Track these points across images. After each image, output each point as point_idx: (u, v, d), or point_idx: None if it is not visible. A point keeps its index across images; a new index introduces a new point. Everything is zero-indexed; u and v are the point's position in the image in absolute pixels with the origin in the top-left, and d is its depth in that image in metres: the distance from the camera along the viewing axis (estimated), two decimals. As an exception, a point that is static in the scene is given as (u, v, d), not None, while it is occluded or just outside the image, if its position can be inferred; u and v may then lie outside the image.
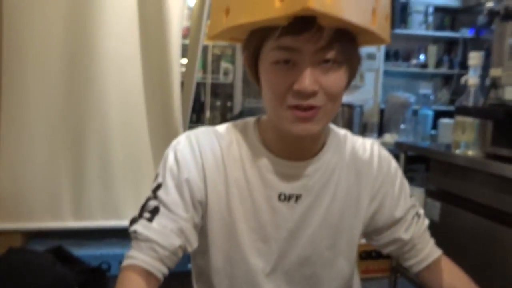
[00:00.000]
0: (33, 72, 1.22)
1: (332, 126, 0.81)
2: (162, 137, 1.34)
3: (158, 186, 0.71)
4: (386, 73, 3.45)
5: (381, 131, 3.26)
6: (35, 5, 1.21)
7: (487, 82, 1.58)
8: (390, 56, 3.51)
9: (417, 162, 2.64)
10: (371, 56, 3.32)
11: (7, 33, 1.20)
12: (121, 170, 1.30)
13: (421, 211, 0.87)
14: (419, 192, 2.08)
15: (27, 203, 1.23)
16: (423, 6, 3.50)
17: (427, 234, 0.86)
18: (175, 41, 1.33)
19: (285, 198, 0.73)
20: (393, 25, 3.37)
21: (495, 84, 1.51)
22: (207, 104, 1.75)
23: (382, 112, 3.38)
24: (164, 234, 0.68)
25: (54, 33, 1.24)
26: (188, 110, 1.56)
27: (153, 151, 1.35)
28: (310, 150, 0.75)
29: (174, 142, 0.75)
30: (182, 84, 1.46)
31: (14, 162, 1.22)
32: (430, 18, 3.54)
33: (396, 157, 2.59)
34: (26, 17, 1.21)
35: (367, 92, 3.34)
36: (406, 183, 0.85)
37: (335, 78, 0.65)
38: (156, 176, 0.73)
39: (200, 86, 2.85)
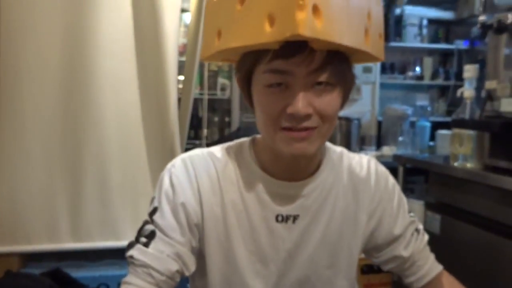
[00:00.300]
0: (30, 92, 1.23)
1: (328, 145, 0.81)
2: (160, 156, 1.34)
3: (154, 210, 0.71)
4: (383, 86, 3.47)
5: (379, 144, 3.27)
6: (32, 26, 1.22)
7: (483, 94, 1.59)
8: (386, 68, 3.53)
9: (416, 174, 2.64)
10: (368, 69, 3.34)
11: (3, 54, 1.20)
12: (119, 190, 1.29)
13: (420, 227, 0.86)
14: (419, 205, 2.08)
15: (25, 225, 1.22)
16: (417, 19, 3.53)
17: (427, 250, 0.86)
18: (172, 60, 1.34)
19: (283, 219, 0.73)
20: (388, 38, 3.40)
21: (491, 96, 1.52)
22: (204, 120, 1.76)
23: (379, 124, 3.38)
24: (161, 259, 0.67)
25: (51, 53, 1.24)
26: (186, 127, 1.56)
27: (151, 170, 1.35)
28: (306, 170, 0.75)
29: (169, 165, 0.75)
30: (179, 100, 1.46)
31: (11, 184, 1.21)
32: (424, 31, 3.57)
33: (395, 170, 2.60)
34: (23, 38, 1.21)
35: (364, 105, 3.35)
36: (404, 199, 0.85)
37: (329, 100, 0.65)
38: (152, 200, 0.73)
39: (197, 102, 2.86)
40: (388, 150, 2.98)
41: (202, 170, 0.73)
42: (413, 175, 2.70)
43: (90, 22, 1.26)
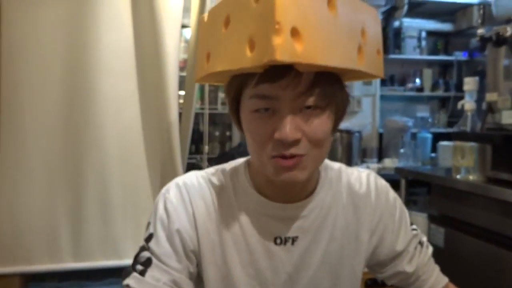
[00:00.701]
0: (30, 111, 1.23)
1: (326, 162, 0.80)
2: (161, 173, 1.33)
3: (150, 237, 0.70)
4: (383, 98, 3.47)
5: (380, 156, 3.26)
6: (33, 43, 1.23)
7: (484, 106, 1.59)
8: (386, 81, 3.54)
9: (418, 185, 2.63)
10: (368, 82, 3.35)
11: (5, 71, 1.21)
12: (120, 208, 1.29)
13: (424, 239, 0.85)
14: (422, 217, 2.06)
15: (25, 246, 1.21)
16: (416, 31, 3.55)
17: (432, 262, 0.84)
18: (173, 76, 1.35)
19: (281, 241, 0.72)
20: (387, 51, 3.42)
21: (492, 109, 1.52)
22: (205, 135, 1.76)
23: (381, 136, 3.38)
24: (157, 287, 0.66)
25: (52, 71, 1.25)
26: (187, 143, 1.56)
27: (152, 187, 1.34)
28: (303, 192, 0.73)
29: (163, 190, 0.73)
30: (180, 115, 1.46)
31: (12, 203, 1.21)
32: (423, 43, 3.59)
33: (397, 183, 2.59)
34: (24, 55, 1.22)
35: (365, 117, 3.35)
36: (406, 212, 0.83)
37: (318, 124, 0.62)
38: (148, 225, 0.72)
39: (198, 116, 2.86)
40: (390, 162, 2.98)
41: (197, 195, 0.72)
42: (415, 186, 2.69)
43: (91, 40, 1.27)
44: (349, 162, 2.96)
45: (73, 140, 1.27)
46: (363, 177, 0.81)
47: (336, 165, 0.81)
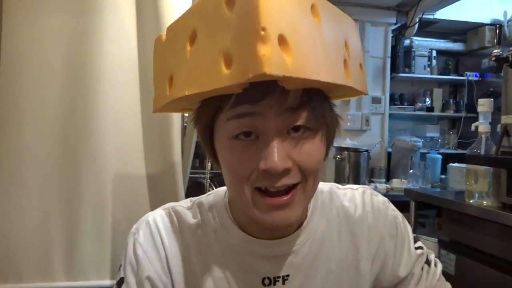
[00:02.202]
0: (28, 123, 1.18)
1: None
2: (161, 191, 1.28)
3: (121, 281, 0.63)
4: (392, 117, 3.42)
5: (389, 176, 3.19)
6: (33, 56, 1.19)
7: (499, 128, 1.53)
8: (395, 99, 3.50)
9: (427, 207, 2.55)
10: (376, 100, 3.30)
11: (4, 81, 1.17)
12: (116, 227, 1.23)
13: (432, 256, 0.75)
14: (432, 243, 1.99)
15: (16, 263, 1.16)
16: (427, 50, 3.52)
17: (442, 281, 0.74)
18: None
19: (270, 282, 0.63)
20: (397, 69, 3.39)
21: (508, 131, 1.46)
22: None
23: (389, 156, 3.32)
24: None
25: (51, 84, 1.21)
26: (190, 158, 1.51)
27: (152, 205, 1.29)
28: (292, 226, 0.64)
29: (133, 229, 0.66)
30: (185, 128, 1.41)
31: (4, 219, 1.15)
32: (434, 62, 3.56)
33: (406, 204, 2.50)
34: (24, 65, 1.18)
35: (373, 136, 3.29)
36: (408, 229, 0.73)
37: (310, 149, 0.53)
38: (119, 268, 0.65)
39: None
40: (398, 183, 2.91)
41: (170, 236, 0.64)
42: (423, 208, 2.62)
43: (93, 50, 1.23)
44: (357, 182, 2.90)
45: (71, 154, 1.22)
46: (357, 197, 0.71)
47: (326, 186, 0.72)
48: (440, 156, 3.14)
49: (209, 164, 1.73)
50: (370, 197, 0.72)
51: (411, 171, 2.92)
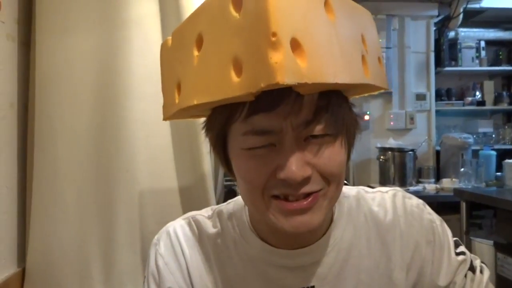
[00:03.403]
0: (63, 141, 1.22)
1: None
2: (193, 200, 1.28)
3: None
4: (439, 113, 3.25)
5: (438, 176, 3.03)
6: (65, 74, 1.23)
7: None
8: (442, 95, 3.32)
9: (484, 207, 2.38)
10: (421, 97, 3.15)
11: (38, 102, 1.22)
12: (151, 237, 1.24)
13: (477, 262, 0.68)
14: (488, 246, 1.86)
15: (56, 275, 1.19)
16: (474, 41, 3.33)
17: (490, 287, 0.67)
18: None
19: None
20: (442, 64, 3.22)
21: None
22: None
23: (438, 155, 3.15)
24: None
25: (83, 99, 1.24)
26: (221, 169, 1.50)
27: (184, 213, 1.29)
28: (315, 233, 0.61)
29: (155, 239, 0.66)
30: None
31: (44, 234, 1.19)
32: (483, 53, 3.35)
33: (457, 205, 2.34)
34: (56, 86, 1.22)
35: (419, 134, 3.13)
36: (448, 234, 0.67)
37: (330, 155, 0.50)
38: (144, 279, 0.65)
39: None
40: (448, 183, 2.75)
41: (191, 245, 0.64)
42: (480, 209, 2.45)
43: (121, 65, 1.25)
44: (403, 183, 2.78)
45: (103, 166, 1.25)
46: (387, 200, 0.66)
47: (353, 190, 0.68)
48: (494, 153, 2.94)
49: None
50: (402, 200, 0.67)
51: (463, 169, 2.75)
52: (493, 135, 3.35)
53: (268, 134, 0.49)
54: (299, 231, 0.51)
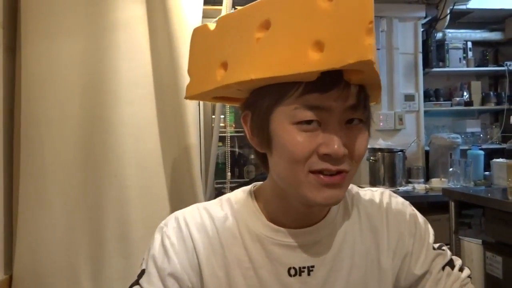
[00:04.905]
0: (50, 146, 1.20)
1: None
2: (183, 205, 1.26)
3: (142, 273, 0.65)
4: (428, 114, 3.28)
5: (428, 176, 3.05)
6: (52, 78, 1.22)
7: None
8: (430, 95, 3.35)
9: (473, 206, 2.40)
10: (410, 97, 3.18)
11: (25, 106, 1.20)
12: (140, 243, 1.23)
13: (458, 262, 0.72)
14: (477, 245, 1.87)
15: (44, 283, 1.18)
16: (461, 42, 3.36)
17: (469, 287, 0.70)
18: (191, 105, 1.29)
19: (296, 272, 0.64)
20: (430, 64, 3.25)
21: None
22: (227, 159, 1.71)
23: (427, 155, 3.17)
24: None
25: (70, 102, 1.23)
26: (213, 170, 1.50)
27: (174, 219, 1.28)
28: (318, 215, 0.67)
29: (162, 224, 0.69)
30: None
31: (31, 240, 1.18)
32: (470, 54, 3.39)
33: (447, 205, 2.36)
34: (43, 90, 1.21)
35: (408, 135, 3.16)
36: (429, 230, 0.73)
37: (362, 139, 0.59)
38: (142, 260, 0.67)
39: (234, 139, 2.83)
40: (438, 183, 2.78)
41: (198, 228, 0.66)
42: (469, 208, 2.47)
43: (109, 69, 1.24)
44: (393, 183, 2.79)
45: (92, 173, 1.24)
46: (376, 196, 0.74)
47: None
48: (482, 152, 2.98)
49: (229, 174, 1.72)
50: (389, 198, 0.74)
51: (451, 169, 2.78)
52: (481, 135, 3.39)
53: (319, 110, 0.56)
54: (328, 202, 0.59)
